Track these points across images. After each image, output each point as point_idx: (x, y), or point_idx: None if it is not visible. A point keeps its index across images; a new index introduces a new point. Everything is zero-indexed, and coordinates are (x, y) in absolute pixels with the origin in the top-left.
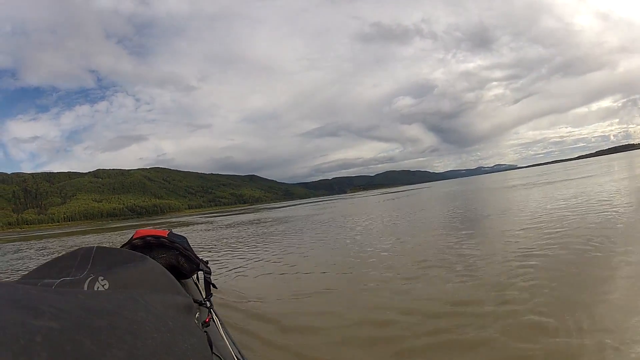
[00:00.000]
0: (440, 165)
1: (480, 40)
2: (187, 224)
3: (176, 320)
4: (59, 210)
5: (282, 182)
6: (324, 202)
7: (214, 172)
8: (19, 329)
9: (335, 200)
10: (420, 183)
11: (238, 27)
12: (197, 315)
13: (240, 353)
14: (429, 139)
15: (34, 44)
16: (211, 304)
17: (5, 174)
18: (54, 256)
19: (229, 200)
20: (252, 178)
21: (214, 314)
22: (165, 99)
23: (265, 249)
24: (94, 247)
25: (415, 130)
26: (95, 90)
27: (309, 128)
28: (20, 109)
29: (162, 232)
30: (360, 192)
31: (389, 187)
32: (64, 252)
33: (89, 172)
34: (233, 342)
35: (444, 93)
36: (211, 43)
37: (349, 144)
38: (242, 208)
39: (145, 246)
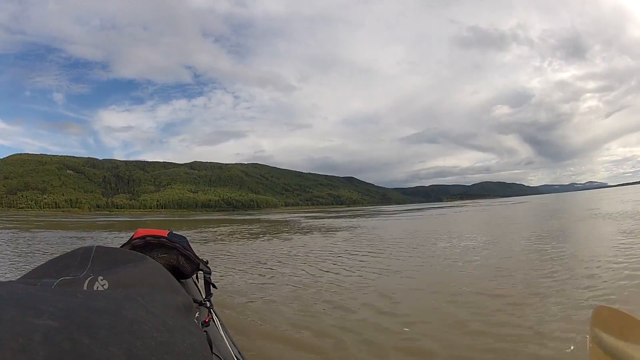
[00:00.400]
0: (534, 179)
1: (573, 48)
2: (319, 229)
3: (176, 320)
4: (152, 198)
5: (380, 186)
6: (431, 209)
7: (312, 172)
8: (18, 328)
9: (436, 209)
10: (516, 196)
11: (337, 31)
12: (196, 315)
13: (240, 353)
14: (524, 151)
15: (126, 38)
16: (211, 304)
17: (96, 159)
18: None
19: (326, 200)
20: (350, 180)
21: (213, 314)
22: (265, 97)
23: None
24: (93, 246)
25: (511, 141)
26: (193, 86)
27: (407, 133)
28: (113, 99)
29: (162, 232)
30: (457, 202)
31: (486, 199)
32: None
33: (185, 163)
34: (233, 342)
35: (540, 103)
36: (311, 45)
37: (447, 151)
38: (349, 210)
39: (145, 246)
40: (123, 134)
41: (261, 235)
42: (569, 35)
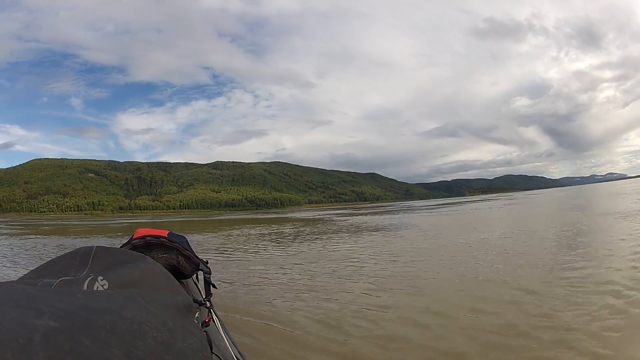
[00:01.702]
0: (555, 171)
1: (588, 36)
2: (366, 228)
3: (176, 320)
4: (175, 198)
5: (402, 181)
6: (461, 203)
7: (334, 169)
8: (18, 328)
9: (467, 204)
10: (538, 189)
11: (352, 25)
12: (196, 315)
13: (240, 353)
14: (545, 143)
15: (141, 42)
16: (211, 304)
17: (118, 162)
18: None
19: (350, 197)
20: (373, 176)
21: (213, 314)
22: (284, 95)
23: None
24: (93, 246)
25: (532, 133)
26: (212, 86)
27: (428, 127)
28: (132, 102)
29: (162, 232)
30: (480, 196)
31: (508, 192)
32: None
33: (207, 163)
34: (233, 342)
35: (559, 94)
36: (327, 41)
37: (468, 145)
38: (376, 206)
39: (145, 246)
40: (143, 136)
41: (305, 238)
42: (583, 24)
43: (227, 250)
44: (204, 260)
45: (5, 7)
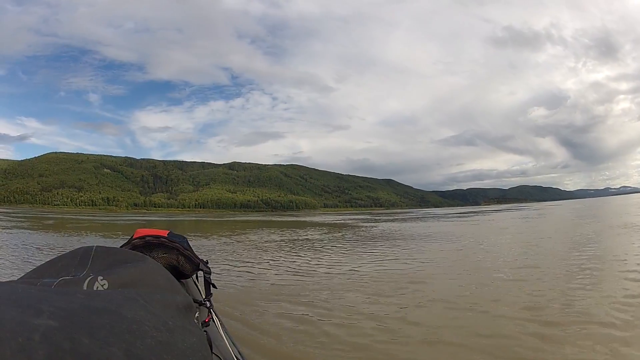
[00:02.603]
0: (570, 183)
1: (605, 47)
2: (402, 236)
3: (176, 320)
4: (190, 197)
5: (418, 188)
6: (481, 213)
7: (350, 173)
8: (17, 328)
9: (486, 214)
10: (552, 200)
11: (372, 30)
12: (196, 315)
13: (240, 353)
14: (560, 154)
15: (160, 41)
16: (211, 304)
17: (134, 158)
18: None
19: (365, 202)
20: (389, 182)
21: (213, 314)
22: (302, 98)
23: None
24: (93, 246)
25: (548, 144)
26: (230, 87)
27: (445, 135)
28: (150, 100)
29: (162, 231)
30: (496, 206)
31: (522, 202)
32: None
33: (224, 163)
34: (233, 342)
35: (575, 105)
36: (346, 45)
37: (484, 154)
38: (394, 212)
39: (145, 246)
40: (160, 134)
41: (353, 246)
42: (600, 35)
43: (255, 264)
44: (204, 260)
45: (24, 1)
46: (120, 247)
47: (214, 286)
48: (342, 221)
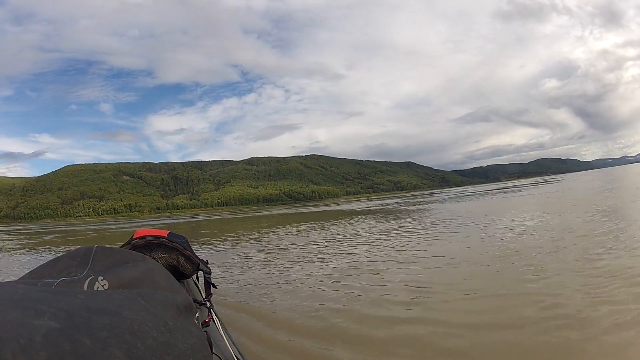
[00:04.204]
0: (588, 153)
1: (610, 14)
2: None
3: (176, 320)
4: (212, 196)
5: (438, 169)
6: (512, 189)
7: (370, 159)
8: (18, 329)
9: (518, 189)
10: (572, 172)
11: (376, 14)
12: (197, 315)
13: (240, 353)
14: (576, 125)
15: (166, 45)
16: (211, 304)
17: (152, 163)
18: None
19: (387, 187)
20: (408, 165)
21: (214, 314)
22: (314, 88)
23: None
24: (93, 246)
25: (563, 115)
26: (242, 83)
27: (460, 113)
28: (163, 104)
29: (162, 232)
30: (519, 181)
31: (543, 176)
32: (64, 252)
33: (243, 160)
34: (233, 342)
35: (586, 74)
36: (353, 32)
37: (500, 129)
38: (420, 194)
39: (145, 246)
40: (176, 136)
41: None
42: (603, 1)
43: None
44: (204, 260)
45: (22, 20)
46: (121, 247)
47: (214, 286)
48: (381, 207)
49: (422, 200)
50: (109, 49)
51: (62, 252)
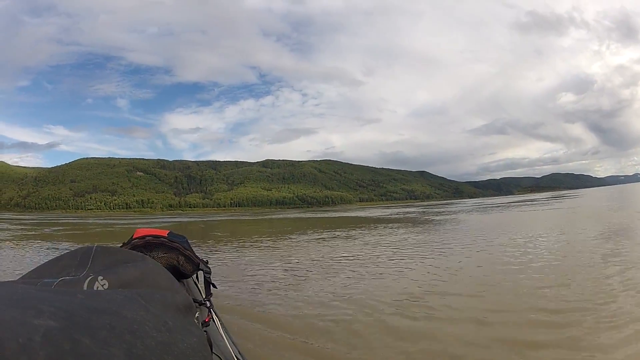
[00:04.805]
0: (601, 169)
1: (627, 29)
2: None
3: (176, 320)
4: (225, 196)
5: (452, 179)
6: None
7: (384, 167)
8: (18, 328)
9: (540, 203)
10: (584, 188)
11: (396, 21)
12: (197, 315)
13: (240, 353)
14: (590, 140)
15: (185, 43)
16: (211, 304)
17: (166, 160)
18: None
19: (400, 195)
20: (422, 174)
21: (213, 314)
22: (332, 93)
23: None
24: (93, 246)
25: (578, 130)
26: (259, 85)
27: (476, 124)
28: (179, 102)
29: (162, 231)
30: (533, 195)
31: (556, 190)
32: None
33: (258, 161)
34: (233, 342)
35: (602, 89)
36: (372, 38)
37: (515, 142)
38: (436, 204)
39: (145, 246)
40: (191, 135)
41: None
42: (620, 16)
43: None
44: (204, 260)
45: (41, 12)
46: (120, 247)
47: (214, 286)
48: (401, 215)
49: (442, 210)
50: (128, 45)
51: (53, 249)
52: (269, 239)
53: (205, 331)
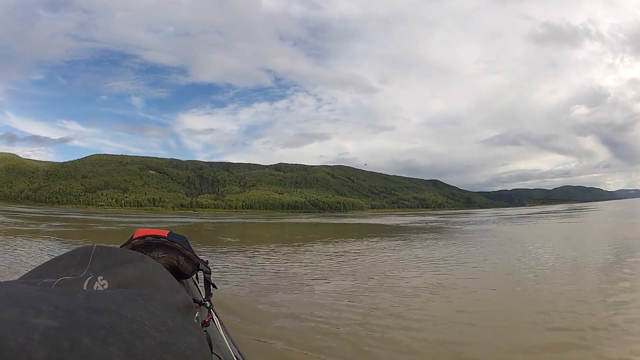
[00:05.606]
0: (612, 183)
1: None
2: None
3: (176, 320)
4: (237, 198)
5: (464, 189)
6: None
7: (397, 174)
8: (17, 327)
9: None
10: (595, 201)
11: (412, 30)
12: (196, 315)
13: (239, 353)
14: (602, 154)
15: (201, 44)
16: (211, 304)
17: (179, 160)
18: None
19: (412, 203)
20: (435, 183)
21: (213, 314)
22: (347, 99)
23: None
24: (93, 246)
25: (590, 143)
26: (274, 89)
27: (489, 135)
28: (194, 103)
29: (162, 231)
30: (544, 207)
31: (567, 203)
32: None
33: (270, 165)
34: (233, 342)
35: (615, 102)
36: (388, 46)
37: (528, 154)
38: (449, 213)
39: (145, 246)
40: (205, 136)
41: None
42: (634, 30)
43: None
44: (204, 260)
45: (58, 7)
46: (120, 247)
47: (214, 286)
48: (419, 223)
49: (464, 219)
50: (144, 43)
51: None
52: (298, 247)
53: (205, 331)
